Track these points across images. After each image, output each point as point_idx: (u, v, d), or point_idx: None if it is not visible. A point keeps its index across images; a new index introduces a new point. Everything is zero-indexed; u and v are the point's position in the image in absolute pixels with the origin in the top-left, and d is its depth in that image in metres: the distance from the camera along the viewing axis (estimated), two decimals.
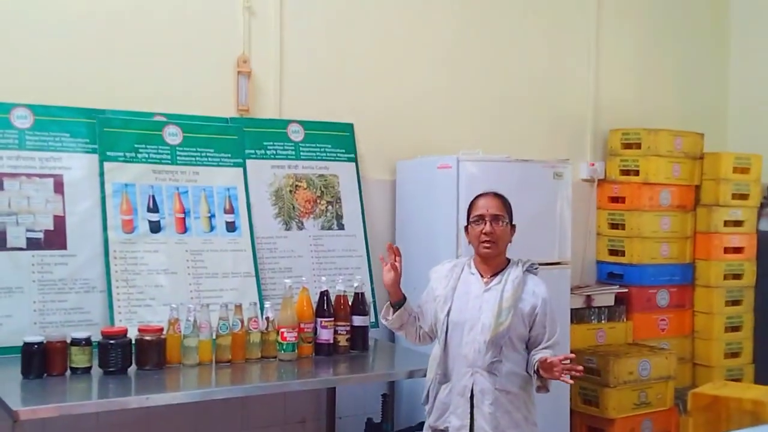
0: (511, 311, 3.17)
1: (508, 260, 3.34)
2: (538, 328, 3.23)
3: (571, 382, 3.10)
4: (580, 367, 3.06)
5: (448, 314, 3.25)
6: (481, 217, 3.26)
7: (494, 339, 3.16)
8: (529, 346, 3.24)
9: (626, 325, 5.23)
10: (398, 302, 3.36)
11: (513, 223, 3.34)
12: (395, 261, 3.37)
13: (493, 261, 3.29)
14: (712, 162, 5.47)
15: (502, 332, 3.16)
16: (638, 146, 5.32)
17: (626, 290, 5.26)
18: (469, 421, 3.17)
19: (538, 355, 3.18)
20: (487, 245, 3.24)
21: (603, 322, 5.16)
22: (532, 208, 4.34)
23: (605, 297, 5.19)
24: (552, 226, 4.44)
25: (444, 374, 3.26)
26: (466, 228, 3.36)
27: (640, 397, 4.85)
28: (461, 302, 3.25)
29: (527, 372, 3.22)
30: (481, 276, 3.29)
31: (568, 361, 3.05)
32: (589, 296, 5.10)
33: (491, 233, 3.23)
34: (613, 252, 5.41)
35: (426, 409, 3.32)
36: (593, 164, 5.43)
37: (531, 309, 3.22)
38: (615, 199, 5.41)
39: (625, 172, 5.37)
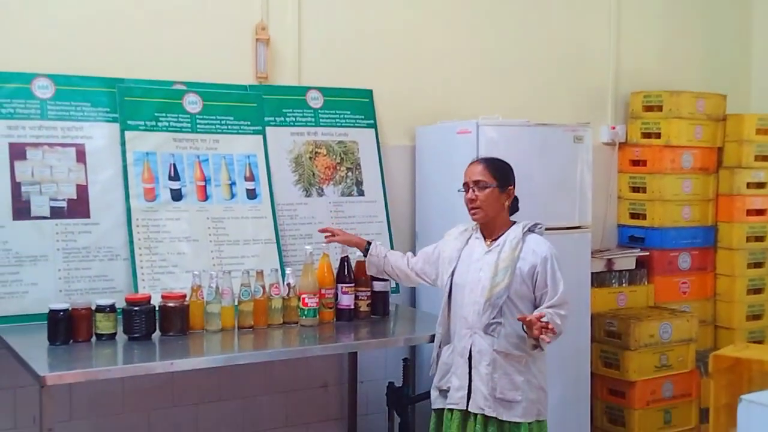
0: (507, 271, 3.20)
1: (512, 223, 3.35)
2: (541, 287, 3.25)
3: (548, 340, 3.08)
4: (551, 326, 3.07)
5: (452, 275, 3.31)
6: (466, 185, 3.32)
7: (491, 299, 3.19)
8: (537, 306, 3.26)
9: (647, 288, 5.23)
10: (366, 249, 3.68)
11: (510, 185, 3.35)
12: (330, 235, 3.75)
13: (492, 225, 3.33)
14: (734, 123, 5.42)
15: (498, 292, 3.18)
16: (660, 108, 5.27)
17: (647, 253, 5.25)
18: (467, 381, 3.22)
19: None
20: (473, 211, 3.31)
21: (624, 285, 5.15)
22: (553, 172, 4.36)
23: (626, 260, 5.18)
24: (572, 190, 4.43)
25: (447, 335, 3.33)
26: None
27: (661, 360, 4.86)
28: (464, 265, 3.31)
29: (524, 331, 3.21)
30: (485, 239, 3.32)
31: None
32: (609, 260, 5.09)
33: (473, 200, 3.29)
34: (634, 215, 5.39)
35: (431, 369, 3.39)
36: (614, 127, 5.40)
37: (531, 268, 3.24)
38: (636, 162, 5.37)
39: (647, 135, 5.33)
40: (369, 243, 3.73)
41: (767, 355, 4.83)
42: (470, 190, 3.29)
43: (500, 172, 3.37)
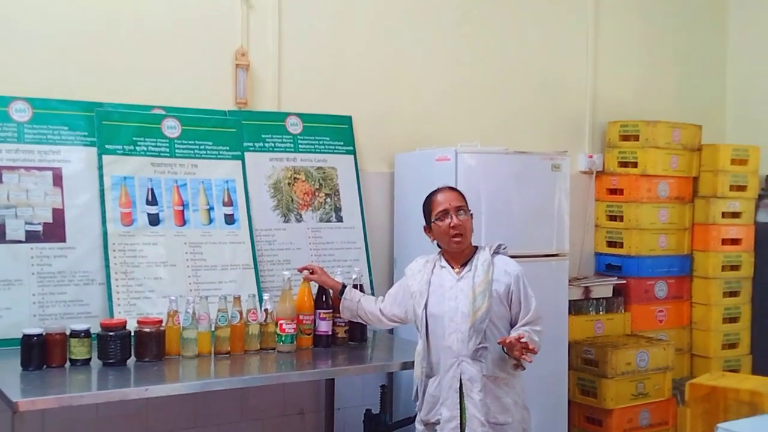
0: (485, 295, 3.20)
1: (475, 248, 3.36)
2: (516, 305, 3.26)
3: (530, 360, 3.10)
4: (532, 346, 3.08)
5: (425, 307, 3.29)
6: (446, 212, 3.30)
7: (475, 325, 3.18)
8: (513, 324, 3.27)
9: (624, 316, 5.25)
10: (341, 292, 3.67)
11: (471, 212, 3.38)
12: (308, 274, 3.73)
13: (461, 252, 3.32)
14: (710, 154, 5.48)
15: (481, 317, 3.18)
16: (636, 138, 5.32)
17: (624, 282, 5.28)
18: (459, 411, 3.19)
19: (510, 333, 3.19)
20: (458, 238, 3.28)
21: (601, 313, 5.17)
22: (530, 200, 4.38)
23: (603, 288, 5.20)
24: (550, 218, 4.45)
25: (430, 367, 3.29)
26: (426, 228, 3.40)
27: (638, 388, 4.87)
28: (437, 296, 3.29)
29: (506, 353, 3.21)
30: (452, 268, 3.32)
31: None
32: (587, 287, 5.12)
33: (459, 225, 3.27)
34: (611, 244, 5.42)
35: (416, 405, 3.35)
36: (591, 156, 5.44)
37: (506, 288, 3.25)
38: (613, 191, 5.42)
39: (624, 164, 5.38)
40: (344, 286, 3.71)
41: (743, 383, 4.85)
42: (451, 217, 3.28)
43: (465, 198, 3.39)
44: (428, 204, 3.38)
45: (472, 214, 3.36)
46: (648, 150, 5.27)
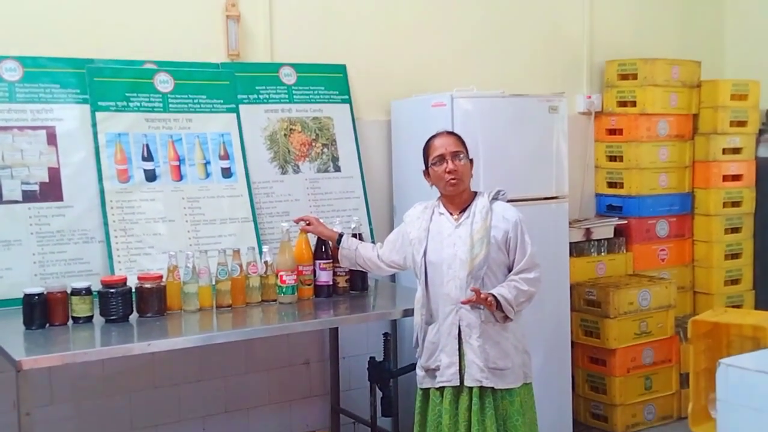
0: (483, 241, 3.19)
1: (474, 193, 3.34)
2: (513, 252, 3.26)
3: (494, 309, 3.16)
4: (489, 300, 3.13)
5: (424, 255, 3.28)
6: (442, 157, 3.28)
7: (473, 272, 3.18)
8: (510, 270, 3.28)
9: (626, 256, 5.25)
10: (338, 242, 3.66)
11: (470, 157, 3.35)
12: (305, 225, 3.73)
13: (459, 198, 3.31)
14: (709, 90, 5.43)
15: (479, 264, 3.18)
16: (635, 77, 5.27)
17: (626, 222, 5.27)
18: (458, 357, 3.21)
19: (495, 288, 3.20)
20: (454, 182, 3.26)
21: (603, 254, 5.17)
22: (528, 143, 4.36)
23: (604, 229, 5.20)
24: (548, 161, 4.43)
25: (430, 314, 3.29)
26: (425, 172, 3.38)
27: (641, 327, 4.89)
28: (435, 242, 3.28)
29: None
30: (451, 214, 3.31)
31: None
32: (588, 229, 5.11)
33: (455, 170, 3.25)
34: (611, 184, 5.40)
35: (417, 352, 3.36)
36: (590, 97, 5.39)
37: (504, 234, 3.24)
38: (612, 131, 5.38)
39: (623, 104, 5.33)
40: (341, 236, 3.70)
41: (745, 319, 4.87)
42: (448, 162, 3.26)
43: (464, 143, 3.36)
44: (426, 149, 3.37)
45: (471, 160, 3.34)
46: (647, 88, 5.22)
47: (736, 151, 5.48)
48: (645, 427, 4.90)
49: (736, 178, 5.49)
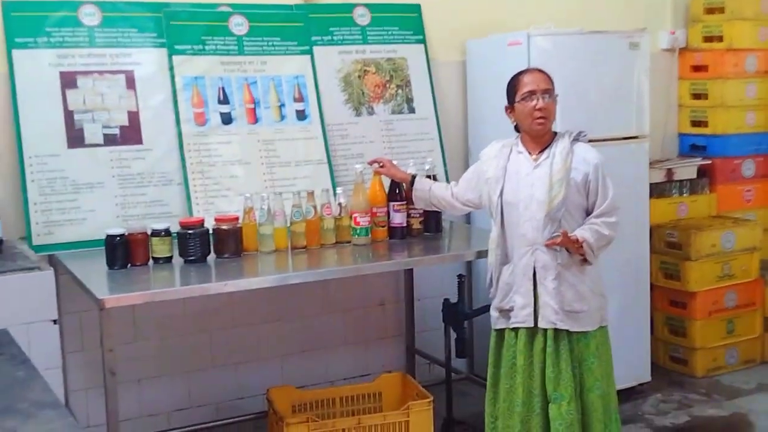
0: (563, 183, 3.13)
1: (554, 134, 3.27)
2: (593, 195, 3.19)
3: (584, 256, 3.13)
4: (581, 242, 3.10)
5: (501, 195, 3.23)
6: (533, 93, 3.18)
7: (550, 213, 3.13)
8: (589, 213, 3.21)
9: (709, 197, 5.11)
10: (411, 183, 3.65)
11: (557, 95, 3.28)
12: (378, 167, 3.73)
13: (541, 137, 3.23)
14: None
15: (557, 205, 3.12)
16: (722, 10, 5.07)
17: (710, 162, 5.12)
18: (533, 299, 3.18)
19: (577, 231, 3.15)
20: (541, 121, 3.18)
21: (685, 195, 5.04)
22: (608, 81, 4.25)
23: (687, 170, 5.06)
24: (629, 100, 4.31)
25: (504, 255, 3.26)
26: (509, 108, 3.29)
27: (724, 269, 4.77)
28: (513, 182, 3.22)
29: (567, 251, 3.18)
30: (530, 154, 3.24)
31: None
32: (669, 170, 4.98)
33: (545, 108, 3.17)
34: (695, 123, 5.23)
35: (490, 293, 3.34)
36: (674, 32, 5.20)
37: (584, 177, 3.17)
38: (698, 68, 5.20)
39: (708, 39, 5.14)
40: (414, 177, 3.68)
41: None
42: (538, 99, 3.18)
43: (553, 82, 3.28)
44: (514, 84, 3.27)
45: (557, 100, 3.26)
46: (734, 22, 5.02)
47: None
48: (727, 371, 4.81)
49: None
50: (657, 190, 4.86)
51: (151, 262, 3.37)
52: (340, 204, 3.67)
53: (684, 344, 4.80)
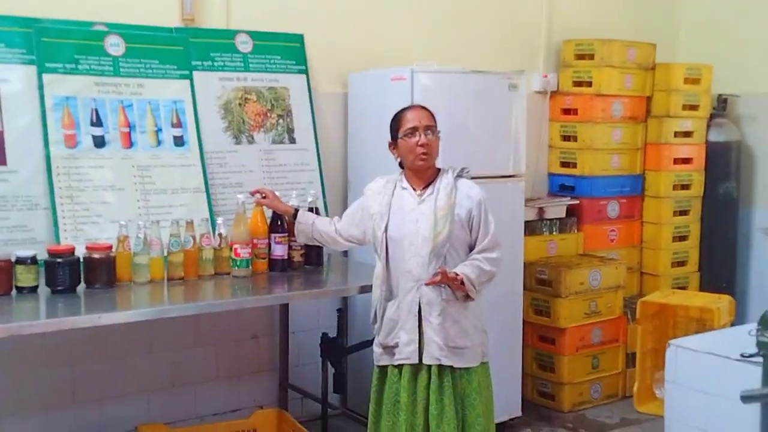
0: (447, 219, 3.15)
1: (438, 170, 3.30)
2: (475, 230, 3.23)
3: (465, 292, 3.15)
4: (457, 279, 3.10)
5: (386, 230, 3.23)
6: (415, 129, 3.21)
7: (435, 249, 3.14)
8: (472, 249, 3.24)
9: (577, 236, 5.27)
10: (294, 216, 3.59)
11: (440, 132, 3.31)
12: (260, 198, 3.65)
13: (425, 173, 3.26)
14: (663, 73, 5.46)
15: (441, 241, 3.14)
16: (591, 57, 5.27)
17: (578, 202, 5.29)
18: (417, 335, 3.17)
19: (458, 267, 3.17)
20: (424, 157, 3.21)
21: (555, 233, 5.19)
22: (488, 120, 4.32)
23: (557, 209, 5.21)
24: (507, 139, 4.40)
25: (389, 291, 3.25)
26: (392, 144, 3.31)
27: (591, 307, 4.92)
28: (397, 218, 3.23)
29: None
30: (414, 189, 3.26)
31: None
32: (541, 208, 5.11)
33: (427, 144, 3.20)
34: (564, 164, 5.41)
35: (375, 328, 3.31)
36: (546, 76, 5.38)
37: (467, 213, 3.21)
38: (567, 111, 5.38)
39: (578, 84, 5.33)
40: (297, 210, 3.62)
41: (692, 301, 4.95)
42: (420, 135, 3.20)
43: (435, 119, 3.31)
44: (397, 120, 3.29)
45: (439, 136, 3.29)
46: (603, 69, 5.23)
47: (688, 134, 5.52)
48: (591, 405, 4.94)
49: (687, 161, 5.53)
50: (529, 228, 4.97)
51: (14, 291, 3.16)
52: (220, 234, 3.56)
53: (552, 379, 4.90)
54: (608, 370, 5.04)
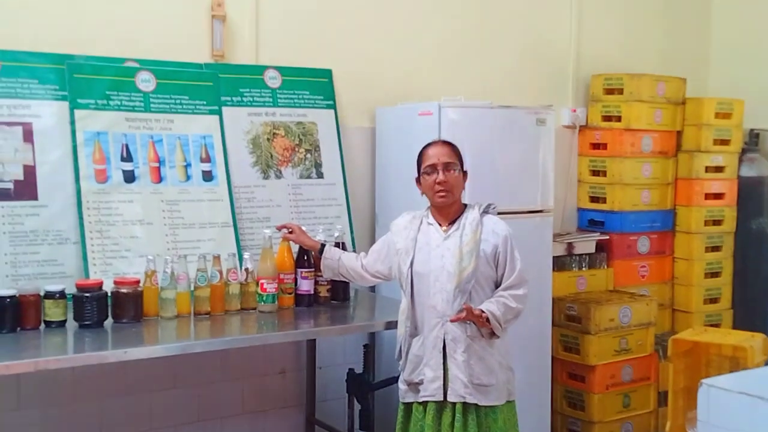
0: (473, 255, 3.13)
1: (465, 206, 3.29)
2: (502, 267, 3.21)
3: (490, 329, 3.12)
4: (485, 316, 3.09)
5: (411, 266, 3.21)
6: (434, 167, 3.22)
7: (460, 285, 3.12)
8: (498, 285, 3.22)
9: (607, 272, 5.21)
10: (320, 251, 3.60)
11: (464, 169, 3.30)
12: (288, 233, 3.65)
13: (449, 209, 3.25)
14: (694, 107, 5.42)
15: (467, 277, 3.12)
16: (620, 92, 5.24)
17: (607, 237, 5.23)
18: (442, 372, 3.14)
19: (484, 304, 3.15)
20: (443, 194, 3.21)
21: (584, 269, 5.14)
22: (515, 155, 4.31)
23: (586, 244, 5.16)
24: (534, 174, 4.38)
25: (414, 327, 3.22)
26: (418, 180, 3.32)
27: (621, 344, 4.85)
28: (423, 254, 3.21)
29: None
30: (440, 225, 3.25)
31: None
32: (570, 243, 5.07)
33: (445, 182, 3.20)
34: (594, 199, 5.37)
35: (400, 365, 3.29)
36: (575, 110, 5.36)
37: (493, 249, 3.19)
38: (596, 146, 5.35)
39: (607, 118, 5.30)
40: (323, 245, 3.62)
41: (725, 339, 4.84)
42: (439, 172, 3.20)
43: (460, 154, 3.31)
44: (420, 156, 3.31)
45: (465, 172, 3.28)
46: (632, 104, 5.20)
47: (719, 169, 5.46)
48: None
49: (718, 196, 5.47)
50: (558, 264, 4.93)
51: (42, 326, 3.18)
52: (246, 269, 3.56)
53: (582, 417, 4.83)
54: (640, 408, 4.96)
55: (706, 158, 5.39)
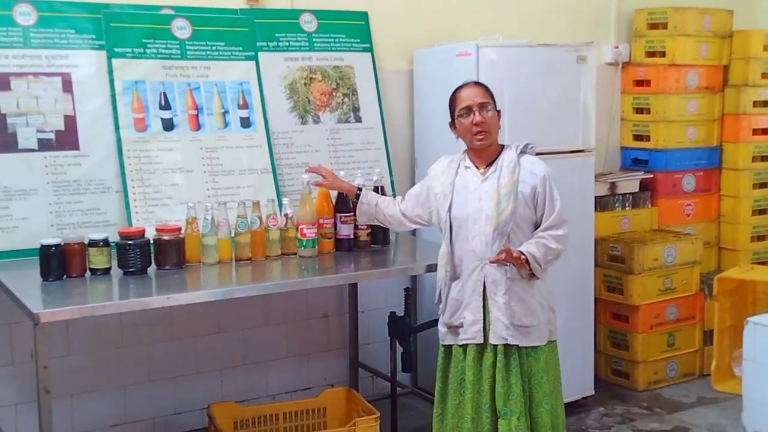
0: (510, 197, 3.10)
1: (501, 146, 3.24)
2: (541, 208, 3.16)
3: (529, 270, 3.09)
4: (522, 259, 3.06)
5: (449, 210, 3.19)
6: (469, 108, 3.16)
7: (499, 228, 3.09)
8: (537, 226, 3.18)
9: (651, 211, 5.14)
10: (356, 196, 3.53)
11: (498, 108, 3.24)
12: (320, 179, 3.59)
13: (486, 151, 3.20)
14: (741, 40, 5.27)
15: (505, 219, 3.09)
16: (664, 26, 5.11)
17: (651, 176, 5.15)
18: (482, 314, 3.14)
19: (523, 245, 3.12)
20: (480, 136, 3.16)
21: (627, 209, 5.07)
22: (555, 94, 4.24)
23: (630, 183, 5.08)
24: (575, 113, 4.31)
25: (454, 271, 3.20)
26: (452, 124, 3.26)
27: (665, 283, 4.80)
28: (461, 197, 3.18)
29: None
30: (477, 168, 3.21)
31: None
32: (613, 183, 5.00)
33: (482, 122, 3.14)
34: (638, 137, 5.27)
35: (440, 308, 3.28)
36: (617, 47, 5.24)
37: (532, 190, 3.14)
38: (640, 83, 5.23)
39: (651, 54, 5.18)
40: (360, 190, 3.57)
41: None
42: (475, 114, 3.15)
43: (492, 94, 3.25)
44: (452, 100, 3.25)
45: (499, 111, 3.23)
46: (677, 38, 5.07)
47: (767, 104, 5.32)
48: (667, 384, 4.84)
49: (766, 131, 5.34)
50: (600, 204, 4.87)
51: (88, 273, 3.24)
52: (286, 215, 3.58)
53: (626, 357, 4.81)
54: (684, 348, 4.93)
55: (753, 93, 5.26)
